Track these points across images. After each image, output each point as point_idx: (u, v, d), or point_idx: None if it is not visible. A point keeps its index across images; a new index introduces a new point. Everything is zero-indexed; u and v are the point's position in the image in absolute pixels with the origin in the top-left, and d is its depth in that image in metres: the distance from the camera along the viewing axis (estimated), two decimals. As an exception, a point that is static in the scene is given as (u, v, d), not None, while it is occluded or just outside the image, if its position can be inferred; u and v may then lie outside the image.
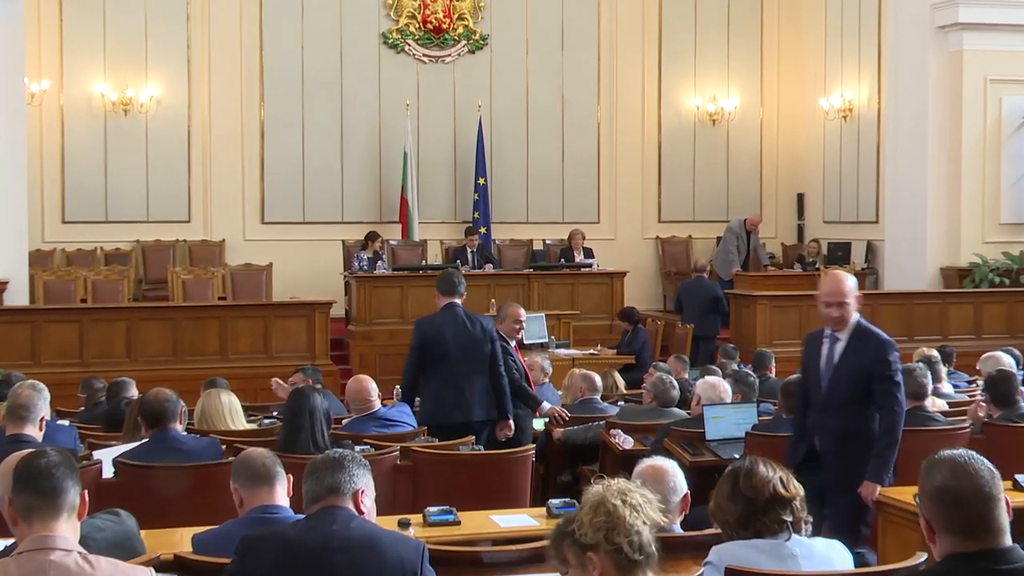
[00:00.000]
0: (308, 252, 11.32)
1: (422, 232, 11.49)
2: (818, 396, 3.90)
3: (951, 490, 1.82)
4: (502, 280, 10.09)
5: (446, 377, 5.14)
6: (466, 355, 5.17)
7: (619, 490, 1.98)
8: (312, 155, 11.59)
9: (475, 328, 5.23)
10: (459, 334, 5.20)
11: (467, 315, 5.29)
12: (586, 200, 12.40)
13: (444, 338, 5.19)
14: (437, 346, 5.18)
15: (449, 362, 5.16)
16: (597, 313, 10.21)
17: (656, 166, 12.64)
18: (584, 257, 10.82)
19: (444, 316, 5.28)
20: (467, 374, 5.15)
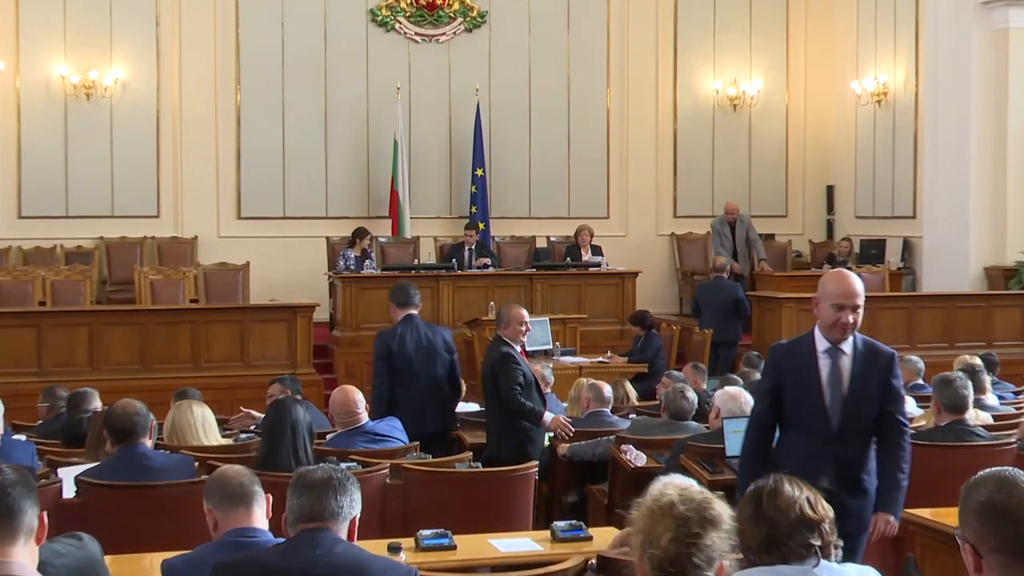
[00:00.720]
0: (289, 250, 11.34)
1: (414, 228, 11.50)
2: (822, 423, 3.47)
3: (999, 504, 1.76)
4: (502, 281, 10.10)
5: (408, 389, 5.69)
6: (427, 366, 5.76)
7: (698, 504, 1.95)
8: (293, 144, 11.62)
9: (436, 338, 5.82)
10: (419, 345, 5.78)
11: (427, 326, 5.92)
12: (594, 193, 12.42)
13: (405, 350, 5.75)
14: (399, 358, 5.74)
15: (410, 374, 5.73)
16: (606, 317, 10.23)
17: (671, 156, 12.66)
18: (592, 256, 10.83)
19: (405, 327, 5.83)
20: (426, 385, 5.74)
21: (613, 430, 5.47)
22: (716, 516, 1.97)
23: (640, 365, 8.71)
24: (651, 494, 2.01)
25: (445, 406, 5.83)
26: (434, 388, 5.76)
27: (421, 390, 5.71)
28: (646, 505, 2.00)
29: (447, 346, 5.87)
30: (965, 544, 1.82)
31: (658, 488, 2.02)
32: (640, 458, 4.96)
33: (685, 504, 1.97)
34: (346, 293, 9.62)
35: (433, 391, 5.76)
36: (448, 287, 9.86)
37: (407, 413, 5.39)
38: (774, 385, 3.58)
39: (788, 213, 13.04)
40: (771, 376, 3.61)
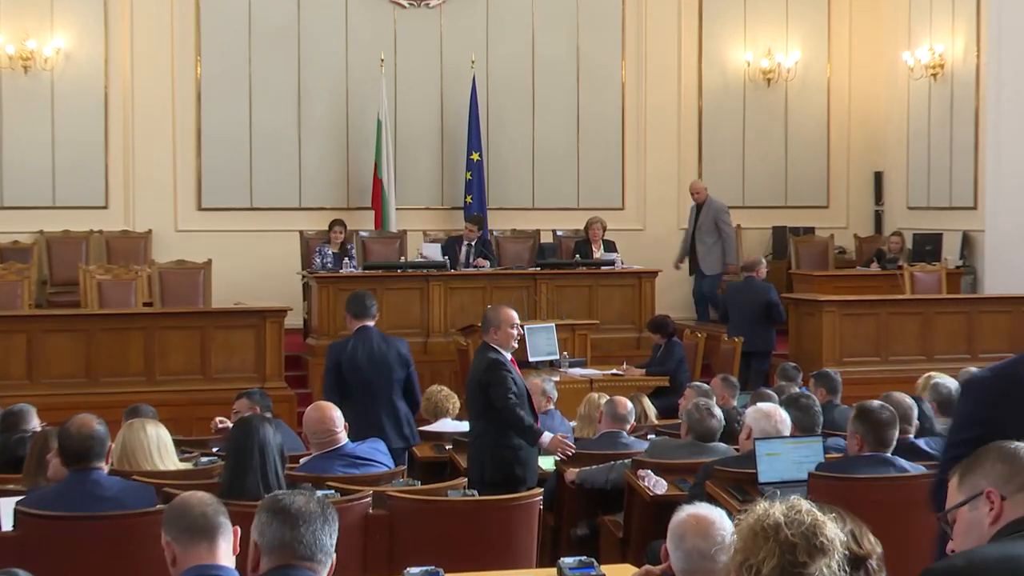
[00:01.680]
0: (257, 246, 11.36)
1: (401, 221, 11.52)
2: None
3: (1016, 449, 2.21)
4: (501, 281, 10.12)
5: (361, 403, 6.11)
6: (381, 379, 6.25)
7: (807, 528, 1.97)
8: (262, 125, 11.64)
9: (390, 351, 6.32)
10: (372, 358, 6.28)
11: (383, 337, 6.42)
12: (607, 181, 12.44)
13: (358, 362, 6.25)
14: (352, 370, 6.24)
15: (364, 387, 6.21)
16: (621, 323, 10.25)
17: (696, 138, 12.68)
18: (605, 252, 10.87)
19: (357, 339, 6.36)
20: (381, 400, 6.22)
21: (629, 453, 5.49)
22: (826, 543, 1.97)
23: (660, 378, 8.74)
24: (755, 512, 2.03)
25: (400, 422, 6.28)
26: (389, 403, 6.24)
27: (375, 405, 6.15)
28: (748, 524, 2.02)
29: (402, 359, 6.36)
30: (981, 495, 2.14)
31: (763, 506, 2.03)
32: (660, 485, 4.97)
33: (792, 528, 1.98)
34: (322, 295, 9.63)
35: (388, 406, 6.22)
36: (439, 289, 9.88)
37: (360, 430, 5.61)
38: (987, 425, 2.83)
39: (830, 204, 13.06)
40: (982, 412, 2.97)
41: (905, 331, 9.68)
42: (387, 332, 9.45)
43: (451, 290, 9.94)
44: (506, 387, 5.47)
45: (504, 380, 5.48)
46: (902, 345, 9.65)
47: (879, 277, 11.18)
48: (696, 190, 11.42)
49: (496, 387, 5.48)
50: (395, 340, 6.46)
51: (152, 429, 4.86)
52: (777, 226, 12.63)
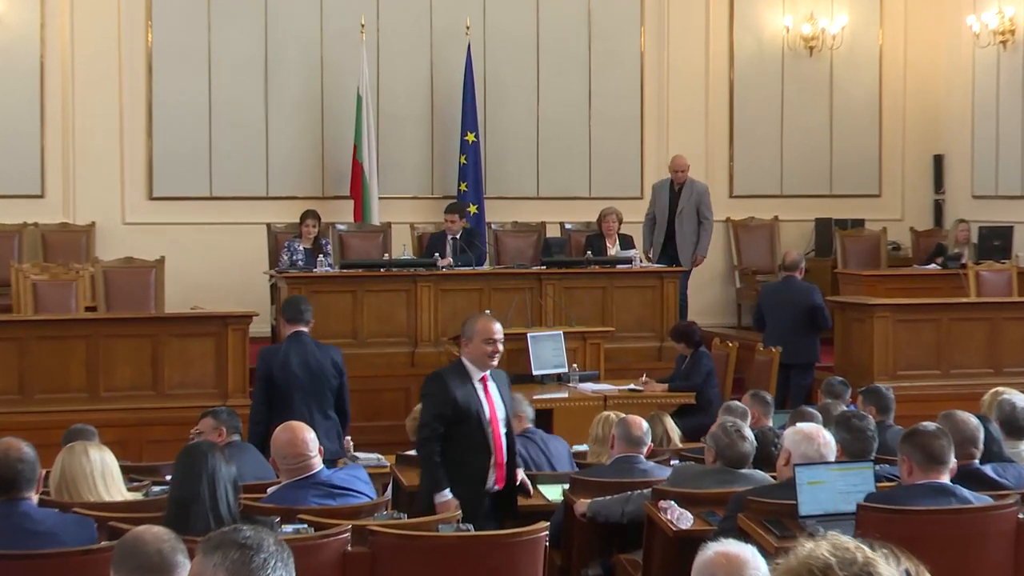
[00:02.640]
0: (217, 242, 11.39)
1: (384, 213, 11.54)
2: None
3: None
4: (500, 282, 10.12)
5: (290, 410, 6.69)
6: (312, 387, 6.96)
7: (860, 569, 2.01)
8: (223, 101, 11.65)
9: (324, 359, 7.01)
10: (305, 365, 6.96)
11: (316, 344, 7.10)
12: (624, 166, 12.43)
13: (289, 369, 6.93)
14: (282, 377, 6.94)
15: (294, 395, 6.91)
16: (640, 331, 10.27)
17: (726, 116, 12.70)
18: (621, 249, 10.85)
19: (290, 346, 7.08)
20: (312, 408, 6.88)
21: (648, 481, 5.49)
22: None
23: (685, 394, 8.76)
24: (799, 552, 2.06)
25: (332, 432, 6.91)
26: (320, 413, 6.89)
27: (305, 415, 6.62)
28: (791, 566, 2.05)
29: (336, 368, 7.06)
30: None
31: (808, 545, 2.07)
32: (685, 518, 4.97)
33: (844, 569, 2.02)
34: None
35: (319, 416, 6.83)
36: (429, 291, 9.90)
37: None
38: None
39: (882, 192, 13.08)
40: None
41: (969, 340, 9.67)
42: (370, 341, 9.57)
43: (442, 292, 9.95)
44: (431, 412, 5.51)
45: (433, 402, 5.52)
46: (965, 356, 9.64)
47: (939, 277, 11.17)
48: (682, 167, 11.16)
49: (424, 409, 5.58)
50: (329, 348, 7.21)
51: (95, 454, 4.86)
52: (821, 218, 12.65)
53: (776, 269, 11.46)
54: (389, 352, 9.74)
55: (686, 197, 11.14)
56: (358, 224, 11.41)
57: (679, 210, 11.11)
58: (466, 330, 5.64)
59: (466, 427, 5.50)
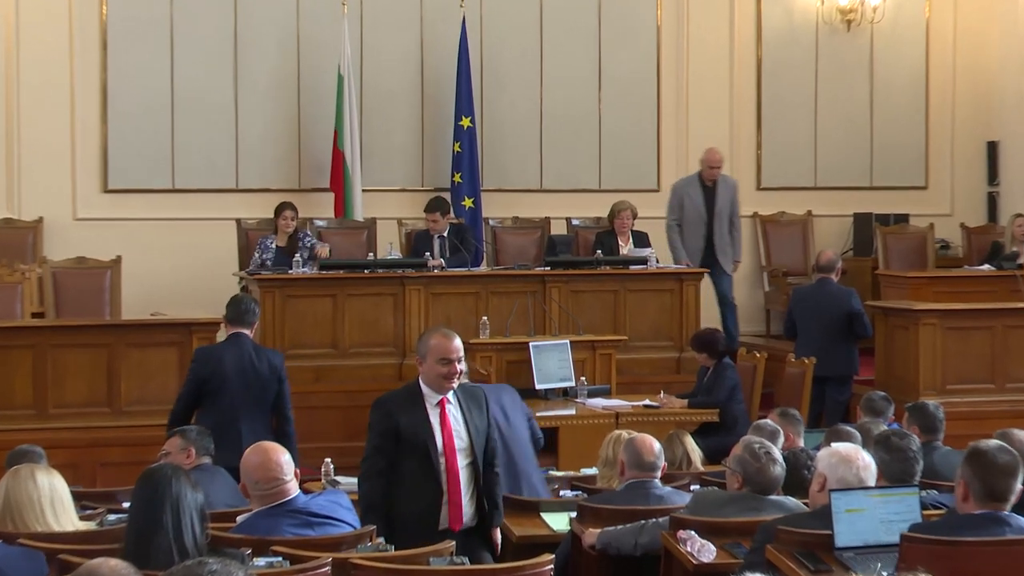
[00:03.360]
0: (181, 239, 11.38)
1: (369, 207, 11.54)
2: None
3: None
4: (500, 285, 10.11)
5: (222, 415, 7.16)
6: (249, 393, 7.30)
7: None
8: (187, 83, 11.64)
9: (261, 364, 7.36)
10: (242, 369, 7.31)
11: (254, 348, 7.47)
12: (638, 155, 12.41)
13: (224, 371, 7.30)
14: (216, 380, 7.29)
15: (227, 399, 7.26)
16: (657, 340, 10.27)
17: (754, 99, 12.70)
18: (635, 247, 10.86)
19: (227, 347, 7.47)
20: (246, 414, 7.25)
21: (665, 509, 5.47)
22: None
23: (708, 411, 8.77)
24: None
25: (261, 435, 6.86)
26: (255, 420, 7.25)
27: (237, 421, 7.15)
28: None
29: (275, 373, 7.43)
30: None
31: None
32: (707, 550, 4.95)
33: None
34: (266, 303, 9.63)
35: (253, 423, 7.20)
36: (418, 295, 9.90)
37: (224, 450, 6.43)
38: None
39: (929, 184, 13.07)
40: None
41: None
42: (352, 351, 9.57)
43: (434, 297, 9.95)
44: (370, 444, 5.48)
45: (373, 432, 5.47)
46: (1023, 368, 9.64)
47: (993, 279, 11.12)
48: (717, 162, 11.17)
49: (367, 441, 5.53)
50: (269, 352, 7.59)
51: (44, 478, 4.84)
52: (860, 213, 12.65)
53: (809, 270, 11.43)
54: (374, 364, 9.73)
55: (723, 196, 11.16)
56: (339, 220, 11.39)
57: (716, 211, 11.11)
58: (419, 347, 5.61)
59: (412, 460, 5.44)
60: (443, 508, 5.45)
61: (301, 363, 9.43)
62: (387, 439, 5.45)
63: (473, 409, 5.60)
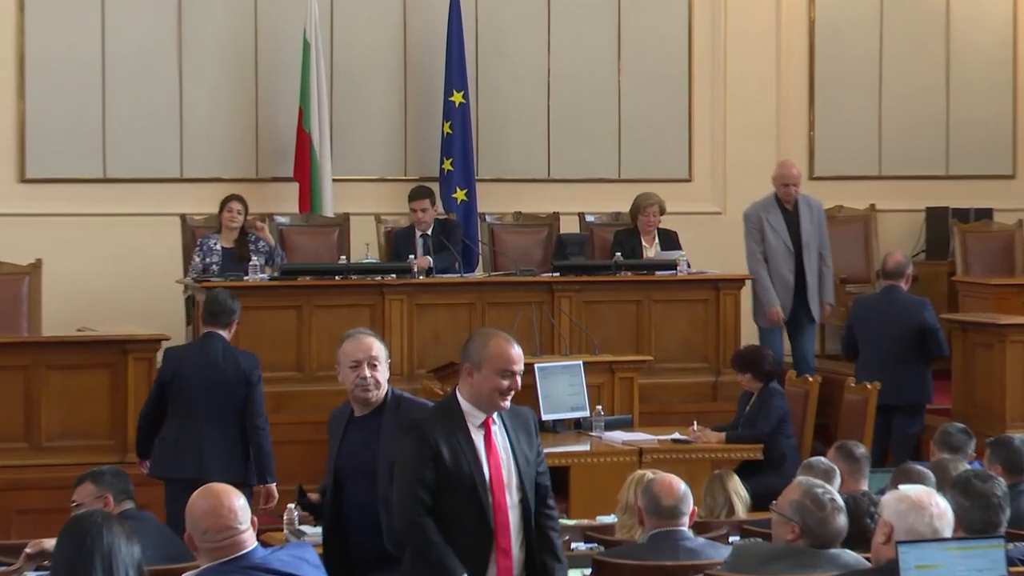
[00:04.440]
0: (114, 239, 11.35)
1: (341, 200, 11.54)
2: None
3: None
4: (497, 294, 10.15)
5: (183, 420, 7.89)
6: (211, 397, 7.88)
7: None
8: (121, 52, 11.59)
9: (227, 365, 7.92)
10: (205, 370, 7.91)
11: (224, 348, 8.02)
12: (666, 138, 12.42)
13: (184, 372, 7.93)
14: (177, 383, 7.93)
15: (188, 405, 7.88)
16: (689, 360, 10.30)
17: (805, 72, 12.71)
18: (663, 249, 10.85)
19: (194, 348, 8.39)
20: (209, 421, 7.85)
21: (699, 564, 5.46)
22: None
23: (750, 446, 8.75)
24: None
25: (233, 451, 7.90)
26: (219, 427, 7.86)
27: (199, 430, 7.84)
28: None
29: (241, 375, 7.94)
30: None
31: None
32: (749, 615, 4.97)
33: None
34: None
35: (218, 430, 7.86)
36: (400, 306, 9.92)
37: (180, 448, 7.76)
38: None
39: (1017, 172, 13.09)
40: None
41: None
42: (320, 375, 9.66)
43: (419, 309, 9.97)
44: (408, 478, 5.27)
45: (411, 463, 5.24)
46: None
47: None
48: (795, 178, 10.80)
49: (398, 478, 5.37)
50: (240, 353, 8.11)
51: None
52: (933, 207, 12.65)
53: (873, 277, 11.42)
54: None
55: (809, 221, 10.83)
56: (305, 216, 11.36)
57: (804, 241, 10.78)
58: (471, 353, 5.32)
59: (453, 497, 5.25)
60: (491, 561, 5.24)
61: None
62: (427, 468, 5.19)
63: (521, 434, 5.36)
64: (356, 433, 5.67)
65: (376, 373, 5.61)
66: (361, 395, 5.61)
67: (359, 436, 5.64)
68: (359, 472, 5.59)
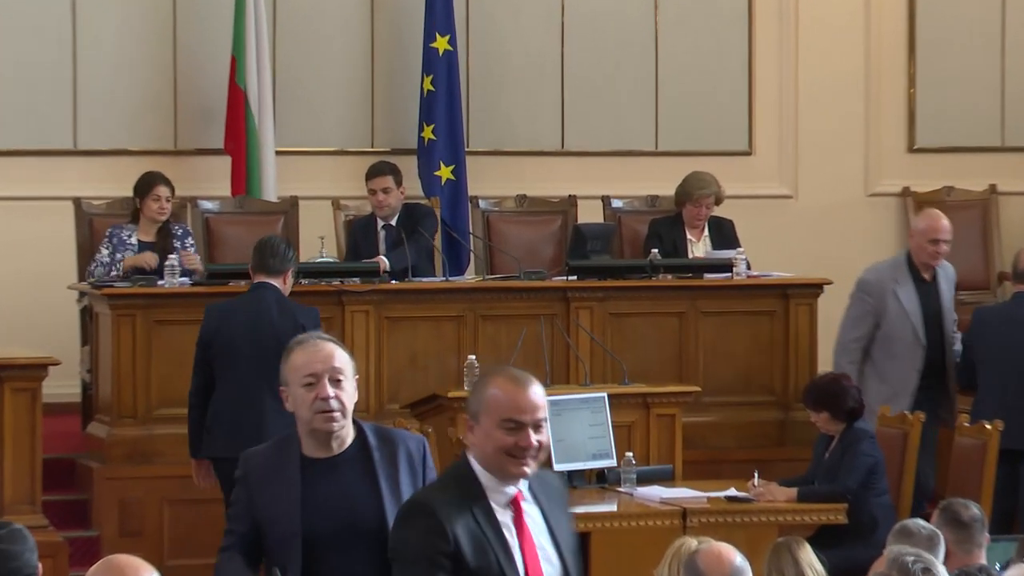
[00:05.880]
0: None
1: (287, 180, 11.65)
2: None
3: None
4: (495, 304, 10.27)
5: (235, 389, 8.36)
6: (266, 358, 7.98)
7: None
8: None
9: (282, 321, 8.27)
10: (258, 326, 8.35)
11: (279, 301, 8.52)
12: (719, 100, 12.60)
13: (233, 330, 8.45)
14: (223, 343, 8.45)
15: (240, 369, 8.38)
16: (748, 392, 10.45)
17: (903, 17, 12.85)
18: (714, 245, 11.01)
19: (242, 300, 8.74)
20: (264, 388, 8.03)
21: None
22: None
23: (830, 506, 8.78)
24: None
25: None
26: (270, 386, 7.45)
27: (254, 390, 8.26)
28: None
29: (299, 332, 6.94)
30: None
31: None
32: None
33: None
34: (121, 334, 9.79)
35: (267, 398, 8.00)
36: (366, 319, 10.02)
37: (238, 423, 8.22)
38: None
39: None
40: None
41: None
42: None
43: (390, 323, 10.06)
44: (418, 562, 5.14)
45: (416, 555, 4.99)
46: None
47: None
48: (946, 231, 10.16)
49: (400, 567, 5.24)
50: (298, 308, 8.64)
51: None
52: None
53: (995, 280, 11.39)
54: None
55: (948, 297, 10.47)
56: (239, 200, 11.47)
57: (945, 328, 10.36)
58: (470, 400, 5.10)
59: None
60: None
61: (178, 429, 9.46)
62: (442, 571, 4.97)
63: (555, 509, 5.14)
64: (325, 480, 5.32)
65: (341, 392, 5.19)
66: (323, 425, 5.26)
67: (332, 484, 5.30)
68: (347, 533, 5.28)
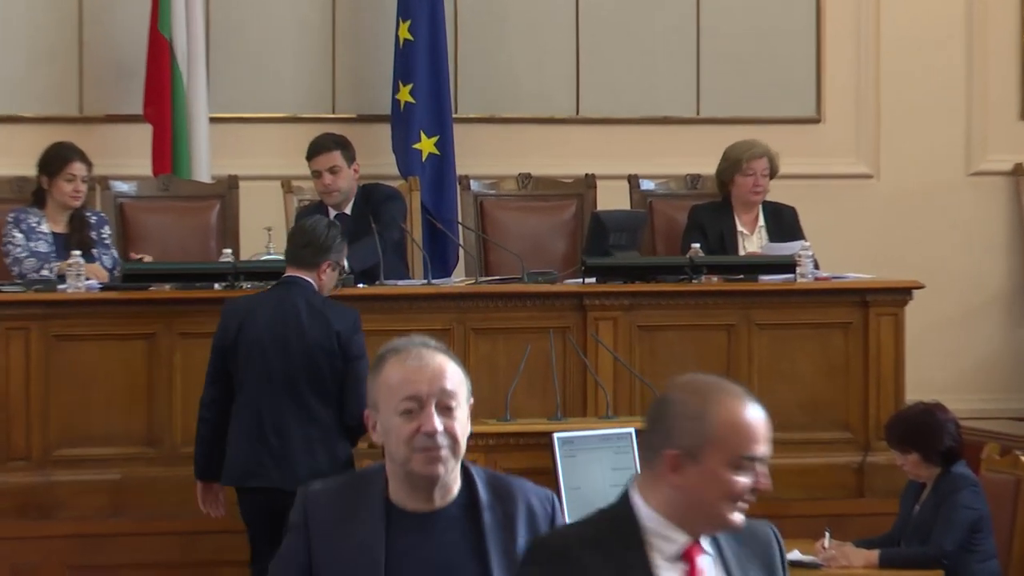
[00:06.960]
0: None
1: (224, 156, 11.82)
2: None
3: None
4: (491, 314, 10.51)
5: (255, 402, 8.77)
6: (290, 369, 8.73)
7: None
8: None
9: (313, 324, 8.77)
10: (282, 331, 8.74)
11: (310, 300, 8.89)
12: (779, 55, 12.78)
13: (253, 333, 8.80)
14: (243, 346, 8.77)
15: (260, 377, 8.76)
16: (817, 428, 10.62)
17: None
18: (771, 238, 11.40)
19: (266, 298, 9.11)
20: (289, 402, 8.73)
21: None
22: None
23: (923, 573, 8.97)
24: None
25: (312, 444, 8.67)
26: (298, 411, 8.64)
27: (279, 412, 8.73)
28: None
29: (332, 341, 8.77)
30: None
31: None
32: None
33: None
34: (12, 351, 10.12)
35: (294, 416, 8.75)
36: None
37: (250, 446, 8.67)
38: None
39: None
40: None
41: None
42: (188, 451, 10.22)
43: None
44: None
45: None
46: None
47: None
48: None
49: None
50: (335, 309, 9.02)
51: None
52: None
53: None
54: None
55: None
56: (163, 180, 11.61)
57: None
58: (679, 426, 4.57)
59: None
60: None
61: (86, 475, 9.97)
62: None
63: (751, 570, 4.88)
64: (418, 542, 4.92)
65: (453, 424, 4.73)
66: (425, 469, 4.81)
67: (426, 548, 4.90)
68: None
